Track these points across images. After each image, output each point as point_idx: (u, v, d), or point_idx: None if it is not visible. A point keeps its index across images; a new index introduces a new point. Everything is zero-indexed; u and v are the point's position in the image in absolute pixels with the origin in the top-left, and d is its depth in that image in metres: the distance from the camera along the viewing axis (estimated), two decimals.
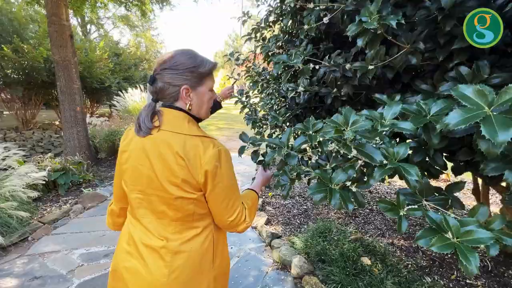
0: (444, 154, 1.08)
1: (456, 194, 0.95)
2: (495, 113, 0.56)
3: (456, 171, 1.06)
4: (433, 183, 1.14)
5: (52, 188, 3.88)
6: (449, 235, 0.69)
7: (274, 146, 0.98)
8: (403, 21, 0.83)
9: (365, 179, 0.86)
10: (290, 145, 0.98)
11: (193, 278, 0.90)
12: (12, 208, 2.60)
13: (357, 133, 0.68)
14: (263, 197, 3.64)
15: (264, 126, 1.88)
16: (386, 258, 2.18)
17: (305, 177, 1.07)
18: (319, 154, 0.96)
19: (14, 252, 2.49)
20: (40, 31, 7.07)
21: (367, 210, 3.22)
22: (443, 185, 1.19)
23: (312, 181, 1.00)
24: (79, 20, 15.10)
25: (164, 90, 0.88)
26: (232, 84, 1.85)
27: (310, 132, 0.87)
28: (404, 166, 0.67)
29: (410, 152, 1.04)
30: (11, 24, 7.01)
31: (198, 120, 0.97)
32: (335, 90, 1.35)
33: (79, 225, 3.00)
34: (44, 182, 3.52)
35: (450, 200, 0.92)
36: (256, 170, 1.25)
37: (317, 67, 1.26)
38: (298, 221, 3.06)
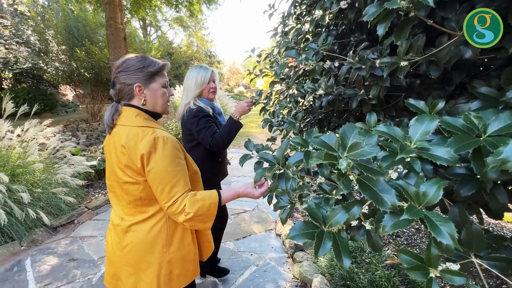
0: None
1: None
2: None
3: None
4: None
5: (102, 176, 4.31)
6: None
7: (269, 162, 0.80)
8: None
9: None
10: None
11: (143, 256, 1.01)
12: (63, 193, 2.93)
13: (355, 163, 0.47)
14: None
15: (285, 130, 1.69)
16: None
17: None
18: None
19: (61, 233, 2.80)
20: (106, 34, 7.98)
21: (412, 229, 2.75)
22: None
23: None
24: (141, 23, 16.66)
25: (121, 90, 1.01)
26: (251, 98, 1.69)
27: (310, 148, 0.68)
28: (432, 218, 0.44)
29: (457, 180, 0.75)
30: (85, 30, 8.03)
31: (156, 114, 1.07)
32: (362, 91, 1.10)
33: None
34: (94, 170, 3.93)
35: None
36: None
37: (336, 64, 1.03)
38: None
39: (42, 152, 3.35)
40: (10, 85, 11.01)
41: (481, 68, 1.03)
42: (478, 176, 0.71)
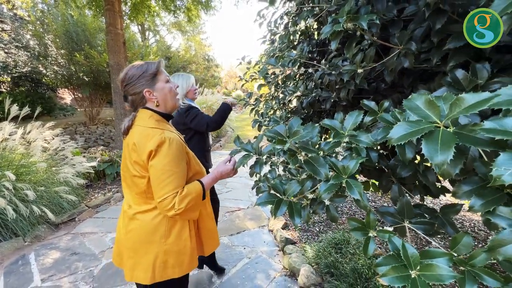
0: None
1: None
2: (449, 129, 0.47)
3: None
4: None
5: (101, 176, 4.44)
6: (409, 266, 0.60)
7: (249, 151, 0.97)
8: (377, 21, 0.74)
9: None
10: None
11: (142, 243, 1.11)
12: (65, 192, 3.06)
13: (298, 145, 0.63)
14: None
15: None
16: None
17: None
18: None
19: (63, 230, 2.93)
20: (105, 39, 8.14)
21: None
22: None
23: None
24: (140, 28, 16.84)
25: (134, 101, 1.12)
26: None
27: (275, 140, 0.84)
28: (350, 182, 0.60)
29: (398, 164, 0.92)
30: (84, 34, 8.19)
31: (168, 116, 1.18)
32: (334, 94, 1.27)
33: (116, 212, 3.38)
34: (94, 171, 4.06)
35: (437, 225, 0.79)
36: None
37: (310, 70, 1.20)
38: (317, 229, 2.93)
39: (45, 152, 3.49)
40: (9, 88, 11.12)
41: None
42: (416, 161, 0.89)
